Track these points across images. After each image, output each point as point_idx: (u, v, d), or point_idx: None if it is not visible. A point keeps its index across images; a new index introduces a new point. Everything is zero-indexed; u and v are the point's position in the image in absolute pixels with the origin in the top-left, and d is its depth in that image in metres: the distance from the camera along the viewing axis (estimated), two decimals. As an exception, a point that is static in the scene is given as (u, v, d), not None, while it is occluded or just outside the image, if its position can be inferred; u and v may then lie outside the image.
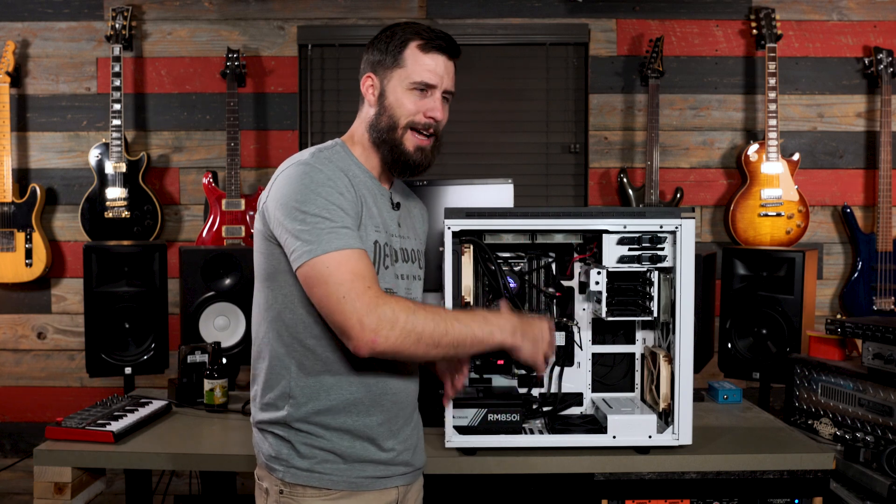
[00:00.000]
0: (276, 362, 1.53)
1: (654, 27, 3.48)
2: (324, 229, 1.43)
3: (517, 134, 3.53)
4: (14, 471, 3.47)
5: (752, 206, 3.33)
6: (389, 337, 1.39)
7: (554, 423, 1.96)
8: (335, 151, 1.59)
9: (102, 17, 3.48)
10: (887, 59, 3.35)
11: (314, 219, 1.43)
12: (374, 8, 3.49)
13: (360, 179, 1.57)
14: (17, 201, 3.37)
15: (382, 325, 1.38)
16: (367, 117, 1.62)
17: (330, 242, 1.42)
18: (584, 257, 2.00)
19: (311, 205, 1.44)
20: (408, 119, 1.57)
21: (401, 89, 1.57)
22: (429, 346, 1.43)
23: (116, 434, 2.02)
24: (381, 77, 1.60)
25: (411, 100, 1.57)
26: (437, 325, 1.43)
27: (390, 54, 1.59)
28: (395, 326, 1.39)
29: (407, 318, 1.40)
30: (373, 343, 1.38)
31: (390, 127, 1.58)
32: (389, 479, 1.57)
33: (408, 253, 1.66)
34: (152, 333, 2.85)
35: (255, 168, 3.51)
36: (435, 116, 1.59)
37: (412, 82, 1.57)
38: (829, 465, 1.95)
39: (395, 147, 1.58)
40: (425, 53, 1.58)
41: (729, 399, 2.45)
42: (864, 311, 3.36)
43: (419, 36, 1.58)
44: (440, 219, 1.86)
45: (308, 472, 1.50)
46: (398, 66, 1.58)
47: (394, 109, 1.58)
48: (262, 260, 1.55)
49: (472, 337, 1.48)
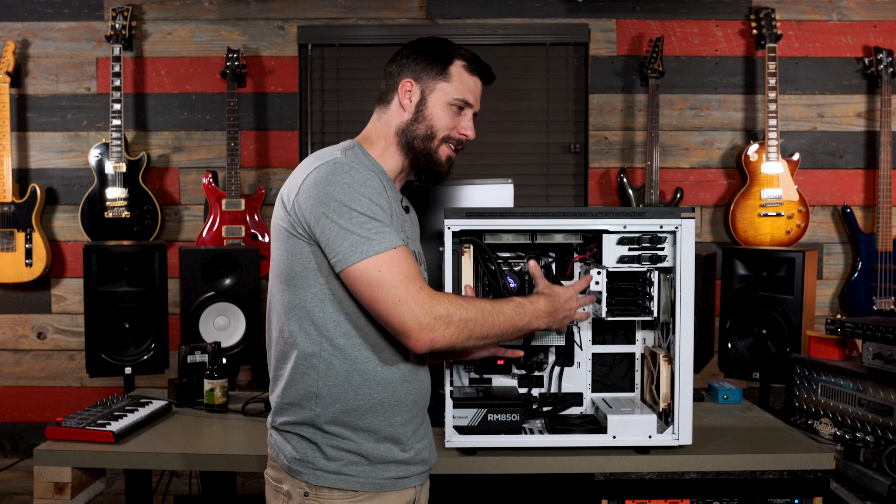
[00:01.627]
0: (304, 362, 1.51)
1: (654, 27, 3.48)
2: (371, 229, 1.44)
3: (517, 134, 3.53)
4: (14, 471, 3.47)
5: (752, 206, 3.33)
6: (446, 335, 1.46)
7: (554, 423, 1.95)
8: (357, 153, 1.58)
9: (102, 17, 3.48)
10: (887, 59, 3.35)
11: (361, 218, 1.45)
12: (374, 8, 3.49)
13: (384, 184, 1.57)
14: (17, 201, 3.37)
15: (439, 324, 1.45)
16: (399, 121, 1.64)
17: (379, 244, 1.44)
18: (584, 257, 2.00)
19: (357, 203, 1.45)
20: (445, 132, 1.64)
21: (442, 102, 1.63)
22: (478, 339, 1.53)
23: (116, 434, 2.02)
24: (423, 85, 1.63)
25: (449, 114, 1.64)
26: (486, 320, 1.52)
27: (436, 66, 1.64)
28: (451, 324, 1.46)
29: (460, 314, 1.48)
30: (432, 342, 1.45)
31: (427, 136, 1.63)
32: (409, 479, 1.58)
33: (416, 255, 1.66)
34: (152, 333, 2.85)
35: (255, 168, 3.52)
36: (468, 134, 1.68)
37: (455, 98, 1.64)
38: (829, 465, 1.95)
39: (429, 156, 1.64)
40: (469, 74, 1.67)
41: (729, 399, 2.45)
42: (864, 311, 3.36)
43: (465, 57, 1.67)
44: (440, 219, 1.86)
45: (335, 474, 1.50)
46: (443, 80, 1.63)
47: (433, 120, 1.63)
48: (286, 258, 1.52)
49: (513, 328, 1.59)
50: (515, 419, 1.87)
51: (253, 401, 2.41)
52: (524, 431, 1.93)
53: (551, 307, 1.66)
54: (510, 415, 1.87)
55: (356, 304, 1.50)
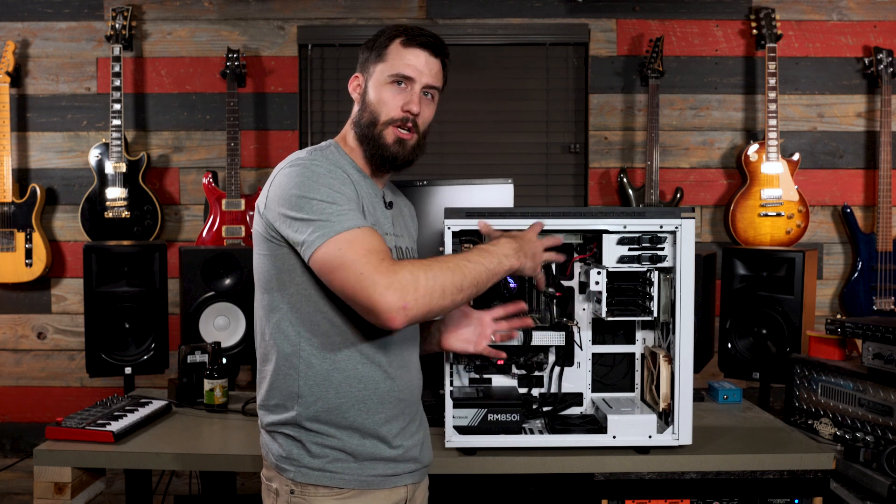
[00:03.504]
0: (284, 363, 1.53)
1: (654, 27, 3.48)
2: (332, 213, 1.43)
3: (517, 134, 3.53)
4: (14, 471, 3.47)
5: (752, 206, 3.33)
6: (418, 299, 1.39)
7: (554, 423, 1.95)
8: (330, 151, 1.60)
9: (102, 17, 3.48)
10: (887, 59, 3.35)
11: (320, 204, 1.44)
12: (374, 8, 3.49)
13: (354, 178, 1.57)
14: (17, 201, 3.37)
15: (407, 291, 1.38)
16: (353, 115, 1.64)
17: (340, 223, 1.42)
18: (584, 257, 2.00)
19: (315, 193, 1.45)
20: (388, 116, 1.58)
21: (380, 83, 1.58)
22: (454, 295, 1.45)
23: (116, 434, 2.02)
24: (365, 74, 1.63)
25: (390, 94, 1.58)
26: (455, 273, 1.45)
27: (375, 51, 1.61)
28: (419, 287, 1.39)
29: (426, 275, 1.41)
30: (405, 310, 1.38)
31: (370, 122, 1.59)
32: (399, 478, 1.57)
33: (402, 251, 1.67)
34: (152, 333, 2.85)
35: (255, 168, 3.51)
36: (411, 110, 1.58)
37: (389, 75, 1.58)
38: (829, 465, 1.95)
39: (374, 141, 1.59)
40: (407, 48, 1.59)
41: (729, 399, 2.45)
42: (864, 311, 3.36)
43: (403, 33, 1.60)
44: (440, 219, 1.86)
45: (320, 471, 1.50)
46: (380, 61, 1.60)
47: (374, 105, 1.59)
48: (265, 262, 1.55)
49: (486, 272, 1.51)
50: (515, 419, 1.88)
51: (253, 401, 2.40)
52: (524, 431, 1.93)
53: (516, 244, 1.60)
54: (510, 415, 1.87)
55: (333, 302, 1.50)
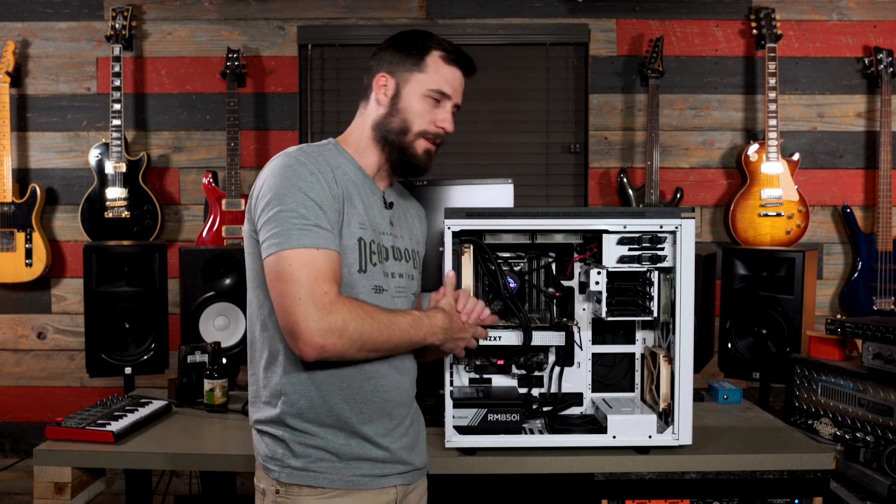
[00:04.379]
0: (271, 362, 1.54)
1: (654, 27, 3.48)
2: (295, 225, 1.43)
3: (517, 134, 3.53)
4: (14, 471, 3.47)
5: (752, 206, 3.33)
6: (337, 345, 1.42)
7: (554, 423, 1.95)
8: (326, 148, 1.59)
9: (102, 17, 3.48)
10: (887, 59, 3.35)
11: (289, 213, 1.44)
12: (374, 8, 3.48)
13: (348, 176, 1.57)
14: (17, 201, 3.37)
15: (332, 334, 1.41)
16: (374, 116, 1.62)
17: (299, 239, 1.43)
18: (584, 257, 2.00)
19: (288, 198, 1.45)
20: (421, 126, 1.60)
21: (417, 94, 1.60)
22: (369, 352, 1.49)
23: (116, 434, 2.02)
24: (398, 78, 1.61)
25: (425, 107, 1.60)
26: (381, 334, 1.48)
27: (411, 57, 1.61)
28: (343, 335, 1.42)
29: (355, 327, 1.43)
30: (322, 349, 1.42)
31: (402, 130, 1.60)
32: (386, 479, 1.57)
33: (401, 252, 1.66)
34: (152, 333, 2.85)
35: (254, 168, 3.51)
36: (445, 127, 1.63)
37: (430, 89, 1.60)
38: (829, 465, 1.95)
39: (404, 149, 1.61)
40: (447, 65, 1.62)
41: (729, 399, 2.45)
42: (864, 311, 3.36)
43: (442, 47, 1.62)
44: (440, 219, 1.86)
45: (303, 471, 1.51)
46: (418, 71, 1.60)
47: (407, 113, 1.60)
48: (252, 261, 1.56)
49: (408, 342, 1.55)
50: (515, 419, 1.87)
51: (253, 401, 2.41)
52: (524, 431, 1.93)
53: (448, 324, 1.61)
54: (510, 415, 1.87)
55: None
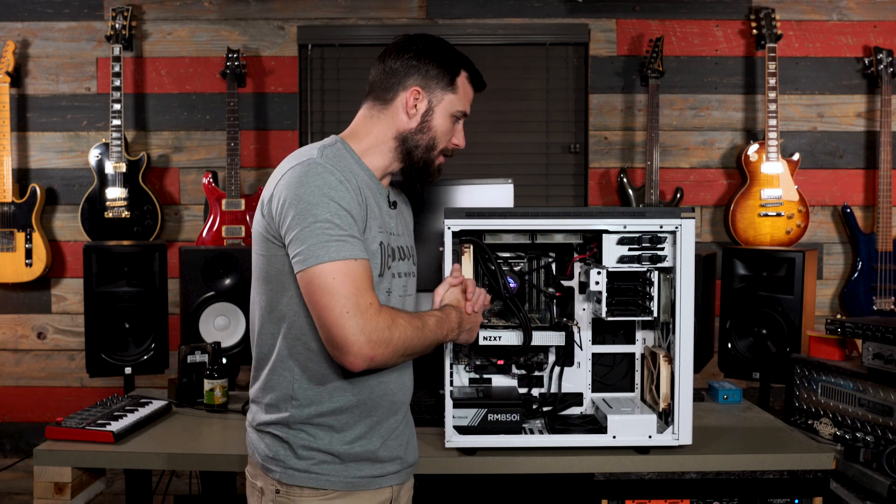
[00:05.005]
0: (280, 364, 1.53)
1: (654, 27, 3.48)
2: (333, 236, 1.42)
3: (517, 134, 3.53)
4: (14, 471, 3.47)
5: (752, 206, 3.33)
6: (385, 354, 1.44)
7: (554, 423, 1.95)
8: (337, 150, 1.57)
9: (102, 17, 3.48)
10: (887, 59, 3.35)
11: (324, 224, 1.42)
12: (374, 8, 3.48)
13: (361, 178, 1.56)
14: (17, 201, 3.37)
15: (380, 344, 1.43)
16: (402, 127, 1.62)
17: (338, 251, 1.41)
18: (584, 257, 2.00)
19: (322, 208, 1.43)
20: (443, 145, 1.67)
21: (447, 114, 1.64)
22: (406, 357, 1.53)
23: (116, 434, 2.02)
24: (432, 95, 1.62)
25: (450, 125, 1.66)
26: (419, 339, 1.52)
27: (446, 77, 1.63)
28: (390, 344, 1.45)
29: (399, 335, 1.46)
30: (371, 360, 1.43)
31: (429, 147, 1.64)
32: (384, 479, 1.58)
33: (403, 251, 1.67)
34: (152, 333, 2.85)
35: (255, 168, 3.51)
36: (459, 144, 1.70)
37: (458, 110, 1.66)
38: (829, 465, 1.95)
39: (427, 164, 1.66)
40: (470, 86, 1.68)
41: (729, 399, 2.45)
42: (864, 311, 3.36)
43: (470, 68, 1.67)
44: (440, 219, 1.86)
45: (305, 472, 1.50)
46: (451, 92, 1.64)
47: (437, 131, 1.64)
48: (263, 262, 1.54)
49: (436, 343, 1.60)
50: (515, 419, 1.87)
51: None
52: (524, 431, 1.93)
53: (460, 318, 1.67)
54: (510, 415, 1.87)
55: None
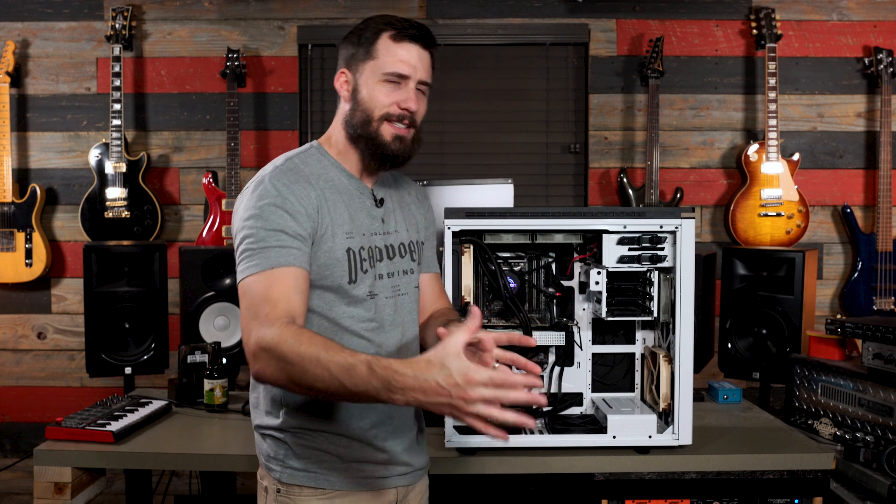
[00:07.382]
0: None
1: (654, 27, 3.48)
2: (256, 251, 1.43)
3: (517, 134, 3.52)
4: (14, 471, 3.47)
5: (752, 206, 3.33)
6: (267, 369, 1.32)
7: (554, 423, 1.96)
8: (309, 155, 1.55)
9: (102, 17, 3.48)
10: (887, 59, 3.35)
11: (250, 238, 1.44)
12: (373, 8, 3.48)
13: (332, 183, 1.53)
14: (17, 201, 3.37)
15: (262, 355, 1.32)
16: (343, 114, 1.58)
17: (257, 265, 1.42)
18: (584, 257, 2.00)
19: (254, 221, 1.44)
20: (381, 112, 1.52)
21: (373, 82, 1.52)
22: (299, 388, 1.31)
23: (116, 434, 2.02)
24: (354, 71, 1.55)
25: (384, 92, 1.51)
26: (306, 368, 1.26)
27: (362, 47, 1.54)
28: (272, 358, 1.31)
29: (283, 350, 1.29)
30: (259, 372, 1.33)
31: (364, 121, 1.53)
32: (387, 480, 1.57)
33: (395, 249, 1.61)
34: (152, 333, 2.85)
35: (254, 168, 3.51)
36: (409, 107, 1.52)
37: (384, 73, 1.51)
38: (829, 465, 1.95)
39: (371, 140, 1.52)
40: (398, 43, 1.52)
41: (729, 399, 2.45)
42: (864, 311, 3.36)
43: (391, 26, 1.52)
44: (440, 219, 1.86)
45: (305, 471, 1.51)
46: (370, 59, 1.52)
47: (367, 103, 1.52)
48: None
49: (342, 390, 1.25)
50: (515, 419, 1.87)
51: (253, 401, 2.41)
52: (524, 431, 1.93)
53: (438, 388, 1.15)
54: (510, 415, 1.87)
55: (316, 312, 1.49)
